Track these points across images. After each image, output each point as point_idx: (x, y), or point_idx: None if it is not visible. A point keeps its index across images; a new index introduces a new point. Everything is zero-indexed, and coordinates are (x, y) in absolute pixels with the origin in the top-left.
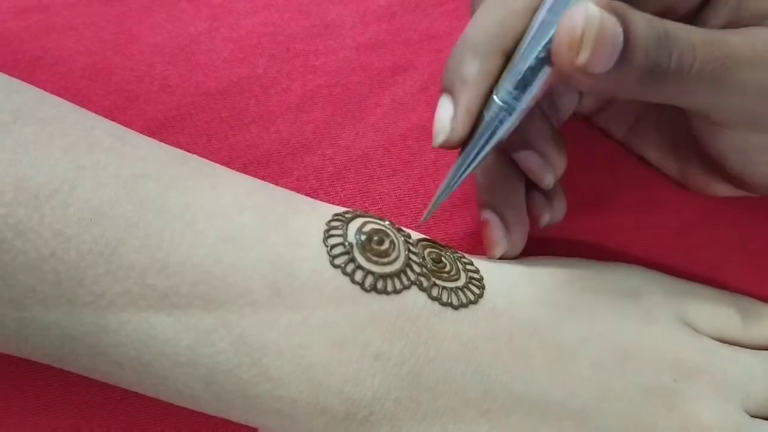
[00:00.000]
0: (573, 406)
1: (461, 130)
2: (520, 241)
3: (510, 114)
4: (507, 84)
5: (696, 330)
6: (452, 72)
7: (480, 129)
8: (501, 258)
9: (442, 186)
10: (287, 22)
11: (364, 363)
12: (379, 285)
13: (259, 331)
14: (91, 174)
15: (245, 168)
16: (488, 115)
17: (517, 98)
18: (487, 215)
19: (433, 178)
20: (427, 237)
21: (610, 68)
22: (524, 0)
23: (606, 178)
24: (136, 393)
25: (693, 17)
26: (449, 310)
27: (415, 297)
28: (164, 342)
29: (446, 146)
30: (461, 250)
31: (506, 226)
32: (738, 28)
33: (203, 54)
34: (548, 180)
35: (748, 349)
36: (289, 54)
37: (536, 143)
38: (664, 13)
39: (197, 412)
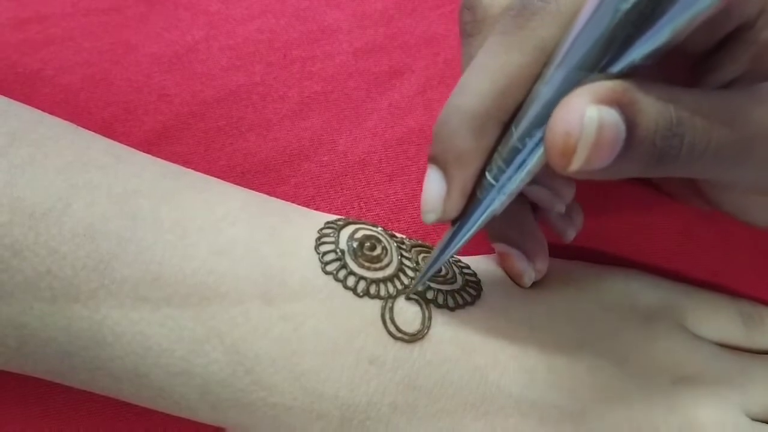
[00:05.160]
0: (571, 409)
1: (454, 211)
2: (544, 266)
3: (504, 193)
4: (502, 163)
5: (696, 334)
6: (444, 144)
7: (473, 206)
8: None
9: (431, 259)
10: (284, 28)
11: (359, 368)
12: (372, 290)
13: (251, 340)
14: (84, 192)
15: (243, 176)
16: (482, 195)
17: (511, 176)
18: (505, 249)
19: None
20: (423, 242)
21: (609, 162)
22: (528, 61)
23: (608, 181)
24: None
25: (707, 58)
26: (445, 313)
27: (409, 300)
28: (159, 353)
29: (437, 223)
30: (457, 254)
31: (527, 256)
32: (756, 79)
33: (200, 63)
34: (559, 208)
35: (749, 353)
36: (285, 60)
37: (543, 178)
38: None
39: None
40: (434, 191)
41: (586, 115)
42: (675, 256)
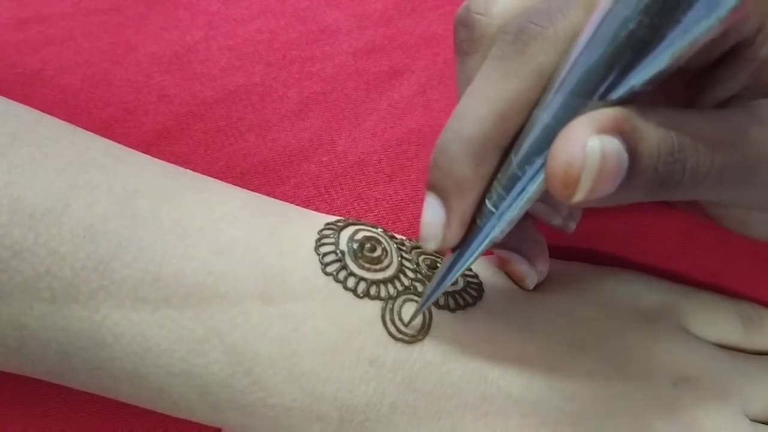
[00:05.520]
0: (571, 410)
1: (454, 239)
2: (545, 268)
3: (504, 221)
4: (502, 190)
5: (696, 336)
6: (443, 172)
7: (473, 233)
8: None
9: (432, 285)
10: (284, 29)
11: (359, 369)
12: (372, 291)
13: (251, 340)
14: (84, 192)
15: (242, 177)
16: (482, 222)
17: (511, 204)
18: (506, 254)
19: None
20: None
21: (612, 191)
22: (526, 87)
23: None
24: None
25: (705, 74)
26: (446, 313)
27: (410, 301)
28: (158, 354)
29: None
30: None
31: (527, 259)
32: (755, 95)
33: (200, 63)
34: (556, 221)
35: (749, 354)
36: (285, 61)
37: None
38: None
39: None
40: (434, 220)
41: (588, 146)
42: (674, 257)
